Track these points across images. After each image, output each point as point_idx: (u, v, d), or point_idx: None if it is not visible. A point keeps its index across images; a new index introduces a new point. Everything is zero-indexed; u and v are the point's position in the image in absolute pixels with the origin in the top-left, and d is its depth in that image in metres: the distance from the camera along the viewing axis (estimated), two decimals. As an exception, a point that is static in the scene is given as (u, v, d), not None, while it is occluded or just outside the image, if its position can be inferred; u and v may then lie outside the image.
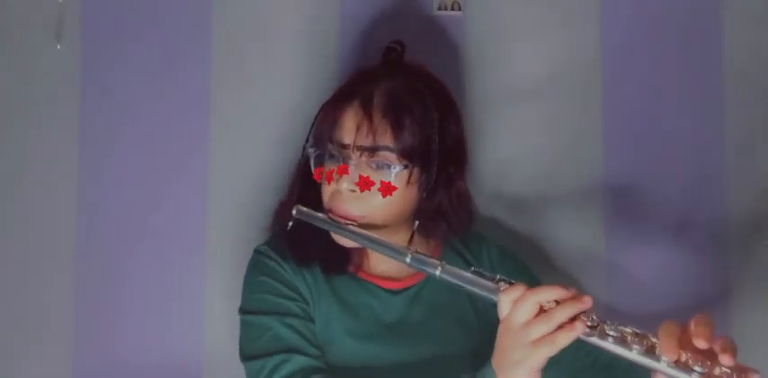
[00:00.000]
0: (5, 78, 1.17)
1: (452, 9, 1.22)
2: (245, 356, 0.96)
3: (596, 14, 1.24)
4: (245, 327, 0.98)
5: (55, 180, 1.17)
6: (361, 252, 1.02)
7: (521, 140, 1.23)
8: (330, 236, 0.96)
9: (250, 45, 1.20)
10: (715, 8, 1.25)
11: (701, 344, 0.73)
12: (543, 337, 0.76)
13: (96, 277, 1.17)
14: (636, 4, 1.24)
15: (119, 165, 1.18)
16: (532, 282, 0.83)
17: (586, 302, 0.76)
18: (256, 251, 1.03)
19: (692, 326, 0.74)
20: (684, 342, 0.74)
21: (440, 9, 1.22)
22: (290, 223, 0.94)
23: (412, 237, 0.94)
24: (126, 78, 1.18)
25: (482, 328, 1.01)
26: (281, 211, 1.01)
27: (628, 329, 0.76)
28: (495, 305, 0.80)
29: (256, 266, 1.01)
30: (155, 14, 1.19)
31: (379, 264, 1.02)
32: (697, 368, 0.72)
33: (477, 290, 0.82)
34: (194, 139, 1.19)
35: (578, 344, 0.97)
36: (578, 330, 0.75)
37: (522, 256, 1.14)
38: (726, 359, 0.71)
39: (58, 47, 1.18)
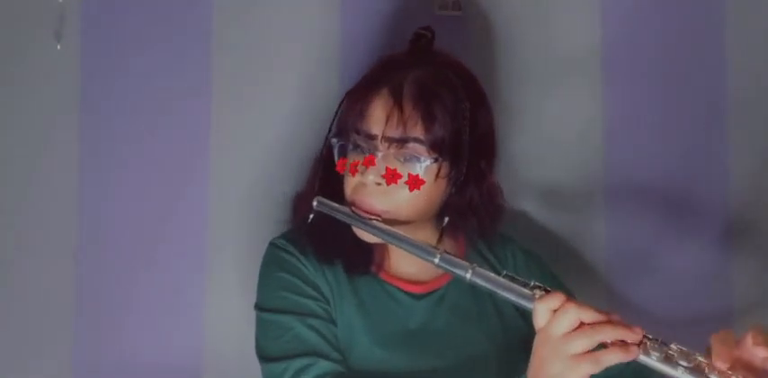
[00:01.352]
0: (5, 78, 1.16)
1: (453, 9, 1.22)
2: (265, 357, 0.91)
3: (599, 14, 1.24)
4: (263, 325, 0.94)
5: (55, 180, 1.16)
6: (382, 250, 0.97)
7: (520, 142, 1.22)
8: (352, 231, 0.91)
9: (251, 45, 1.20)
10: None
11: (760, 352, 0.71)
12: (586, 354, 0.71)
13: (96, 277, 1.16)
14: (637, 4, 1.25)
15: (119, 163, 1.17)
16: (560, 290, 0.77)
17: (637, 333, 0.72)
18: (273, 245, 0.98)
19: (749, 337, 0.72)
20: (735, 357, 0.72)
21: (440, 9, 1.22)
22: (311, 216, 0.89)
23: (441, 235, 0.90)
24: (126, 78, 1.17)
25: (505, 333, 0.98)
26: (300, 203, 0.96)
27: (673, 346, 0.72)
28: (526, 312, 0.77)
29: (275, 261, 0.96)
30: (155, 14, 1.18)
31: (402, 264, 0.97)
32: None
33: (510, 296, 0.77)
34: (195, 135, 1.18)
35: None
36: (633, 354, 0.71)
37: (548, 252, 1.12)
38: None
39: (58, 47, 1.17)
